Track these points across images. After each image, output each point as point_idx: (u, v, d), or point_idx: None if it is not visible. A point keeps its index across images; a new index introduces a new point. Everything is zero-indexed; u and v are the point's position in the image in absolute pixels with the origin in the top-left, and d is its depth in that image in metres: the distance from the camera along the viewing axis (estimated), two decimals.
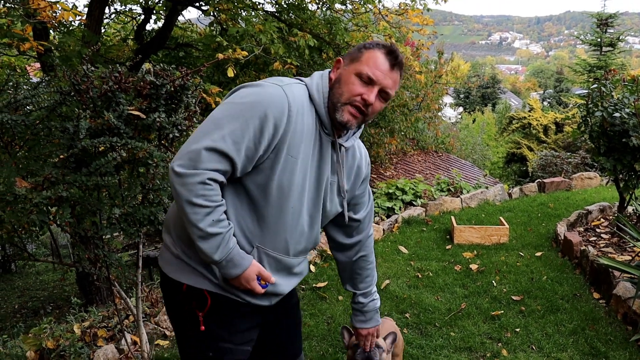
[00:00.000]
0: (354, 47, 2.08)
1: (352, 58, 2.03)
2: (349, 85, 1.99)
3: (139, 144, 3.02)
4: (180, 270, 2.05)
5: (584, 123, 6.16)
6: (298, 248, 2.14)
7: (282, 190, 1.96)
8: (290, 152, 1.93)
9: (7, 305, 12.10)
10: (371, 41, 2.06)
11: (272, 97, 1.90)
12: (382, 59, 1.99)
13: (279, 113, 1.88)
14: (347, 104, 1.99)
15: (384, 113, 14.21)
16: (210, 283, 2.03)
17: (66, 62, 7.40)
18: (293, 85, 2.00)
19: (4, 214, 3.04)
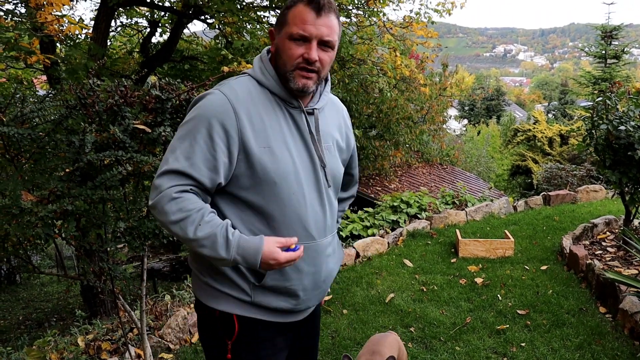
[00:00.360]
0: (280, 12, 2.01)
1: (280, 23, 1.97)
2: (287, 52, 1.93)
3: (144, 158, 3.03)
4: (211, 297, 2.03)
5: (589, 136, 6.15)
6: (320, 227, 2.08)
7: (273, 183, 1.92)
8: (260, 144, 1.90)
9: (11, 317, 12.10)
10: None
11: (211, 104, 1.89)
12: (306, 10, 1.90)
13: (222, 115, 1.87)
14: (294, 70, 1.94)
15: (389, 125, 14.23)
16: (241, 304, 2.01)
17: (72, 75, 7.45)
18: (231, 82, 1.99)
19: (10, 227, 3.05)
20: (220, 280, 2.00)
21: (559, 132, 21.90)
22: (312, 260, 2.07)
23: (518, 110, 59.53)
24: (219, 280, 2.00)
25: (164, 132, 3.11)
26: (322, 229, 2.10)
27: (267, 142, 1.91)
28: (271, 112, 1.97)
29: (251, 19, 9.40)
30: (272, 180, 1.92)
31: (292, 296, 2.06)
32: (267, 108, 1.96)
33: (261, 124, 1.92)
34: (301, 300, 2.09)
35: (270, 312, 2.05)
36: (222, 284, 2.00)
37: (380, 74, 10.49)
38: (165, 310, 5.07)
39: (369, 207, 8.88)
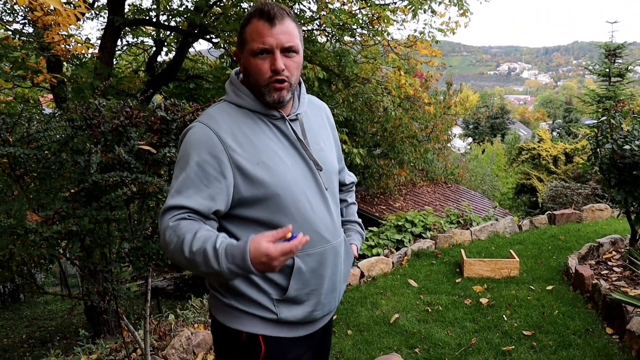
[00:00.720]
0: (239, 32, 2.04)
1: (241, 43, 1.99)
2: (254, 69, 1.94)
3: (149, 179, 3.04)
4: (236, 318, 2.02)
5: (593, 155, 6.13)
6: (331, 229, 2.10)
7: (276, 195, 1.93)
8: (253, 162, 1.91)
9: (14, 335, 12.07)
10: (246, 15, 1.99)
11: (194, 137, 1.92)
12: (260, 24, 1.91)
13: (207, 144, 1.89)
14: (266, 85, 1.95)
15: (393, 144, 14.25)
16: (267, 323, 2.01)
17: (78, 94, 7.50)
18: (209, 110, 2.02)
19: (15, 247, 3.05)
20: (243, 301, 2.00)
21: (563, 151, 21.89)
22: (330, 263, 2.09)
23: (522, 128, 59.60)
24: (243, 301, 2.00)
25: (169, 152, 3.12)
26: (333, 230, 2.11)
27: (259, 158, 1.92)
28: (256, 129, 1.98)
29: None
30: (274, 192, 1.93)
31: (314, 302, 2.07)
32: (250, 126, 1.98)
33: (248, 142, 1.93)
34: (321, 304, 2.10)
35: (295, 326, 2.06)
36: (246, 305, 2.00)
37: (384, 92, 10.51)
38: (169, 330, 5.05)
39: (374, 227, 8.87)
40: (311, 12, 9.35)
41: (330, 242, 2.08)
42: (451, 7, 9.81)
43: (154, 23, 10.56)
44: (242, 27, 1.97)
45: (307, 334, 2.13)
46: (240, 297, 2.00)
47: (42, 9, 5.51)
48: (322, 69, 9.00)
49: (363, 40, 9.90)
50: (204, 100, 10.90)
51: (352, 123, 13.53)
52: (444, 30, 10.31)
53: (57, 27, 5.84)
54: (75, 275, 15.79)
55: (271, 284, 1.99)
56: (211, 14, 9.61)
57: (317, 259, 2.04)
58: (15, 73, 7.07)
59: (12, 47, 6.64)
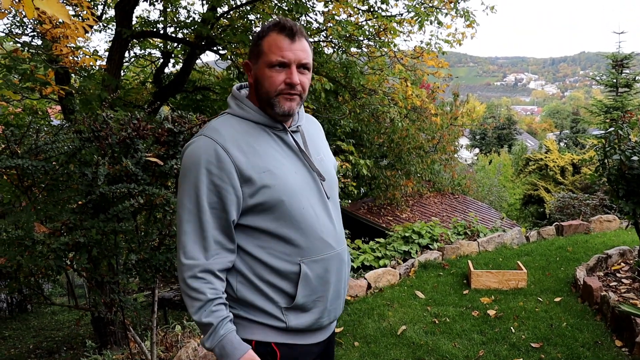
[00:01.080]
0: (252, 43, 2.08)
1: (255, 54, 2.03)
2: (269, 80, 1.99)
3: (156, 191, 3.05)
4: (245, 328, 2.03)
5: (601, 166, 6.11)
6: (334, 236, 2.13)
7: (281, 201, 1.96)
8: (259, 170, 1.94)
9: (22, 345, 12.08)
10: (262, 27, 2.05)
11: (199, 150, 1.94)
12: (280, 38, 1.98)
13: (213, 156, 1.91)
14: (277, 95, 2.00)
15: (400, 155, 14.25)
16: (277, 332, 2.03)
17: (86, 106, 7.53)
18: (212, 123, 2.04)
19: (22, 259, 3.06)
20: (252, 311, 2.02)
21: (571, 161, 21.80)
22: (336, 269, 2.12)
23: (529, 139, 59.49)
24: (251, 311, 2.02)
25: (176, 164, 3.13)
26: (336, 237, 2.14)
27: (264, 166, 1.96)
28: (260, 139, 2.02)
29: None
30: (279, 199, 1.96)
31: (320, 309, 2.09)
32: (254, 136, 2.02)
33: (253, 152, 1.96)
34: (327, 311, 2.13)
35: (303, 334, 2.09)
36: (255, 314, 2.02)
37: (391, 103, 10.52)
38: (176, 342, 5.05)
39: (381, 238, 8.85)
40: (318, 24, 9.38)
41: (335, 249, 2.11)
42: (457, 19, 9.82)
43: (162, 35, 10.61)
44: (259, 38, 2.02)
45: (314, 342, 2.14)
46: (249, 307, 2.01)
47: (51, 21, 5.55)
48: (329, 80, 9.02)
49: (369, 51, 9.92)
50: (211, 111, 10.93)
51: (358, 134, 13.54)
52: (450, 42, 10.32)
53: (65, 40, 5.88)
54: (83, 286, 15.80)
55: (279, 292, 2.01)
56: (218, 26, 9.65)
57: (323, 265, 2.07)
58: (24, 85, 7.12)
59: (21, 59, 6.68)
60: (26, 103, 9.95)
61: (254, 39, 2.05)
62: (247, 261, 1.99)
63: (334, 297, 2.14)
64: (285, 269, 2.00)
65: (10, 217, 3.21)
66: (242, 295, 2.00)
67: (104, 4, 10.67)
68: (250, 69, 2.07)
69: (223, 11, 9.56)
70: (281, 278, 2.00)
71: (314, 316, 2.08)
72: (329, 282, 2.10)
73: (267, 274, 2.00)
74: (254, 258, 1.99)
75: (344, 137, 12.48)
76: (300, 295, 2.01)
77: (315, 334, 2.14)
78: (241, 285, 2.00)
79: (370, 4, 9.34)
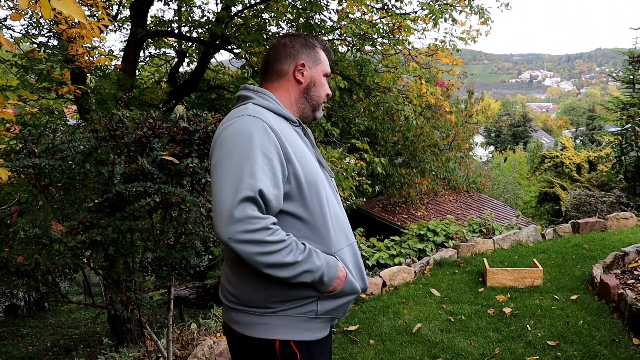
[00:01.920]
0: (302, 43, 2.23)
1: (314, 60, 2.23)
2: (324, 87, 2.25)
3: (172, 189, 3.07)
4: (269, 327, 2.04)
5: (618, 163, 6.08)
6: (350, 229, 2.25)
7: (314, 184, 2.03)
8: (298, 155, 2.01)
9: (39, 343, 12.20)
10: (309, 37, 2.25)
11: (249, 127, 1.96)
12: (324, 55, 2.28)
13: (265, 134, 1.95)
14: (321, 104, 2.24)
15: (415, 153, 14.23)
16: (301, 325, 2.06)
17: (102, 105, 7.59)
18: (248, 108, 2.06)
19: (40, 257, 3.09)
20: (283, 305, 2.04)
21: (587, 159, 21.64)
22: (356, 259, 2.21)
23: (545, 136, 59.11)
24: (282, 306, 2.04)
25: (191, 163, 3.15)
26: (351, 230, 2.26)
27: (301, 153, 2.04)
28: (289, 129, 2.11)
29: None
30: (314, 181, 2.04)
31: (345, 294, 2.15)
32: (284, 125, 2.09)
33: (291, 138, 2.05)
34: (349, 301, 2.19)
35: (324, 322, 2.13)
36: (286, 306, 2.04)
37: (405, 101, 10.50)
38: (192, 339, 5.07)
39: (395, 236, 8.84)
40: (332, 22, 9.38)
41: (350, 240, 2.21)
42: (472, 16, 9.78)
43: (176, 34, 10.67)
44: (314, 46, 2.24)
45: (327, 334, 2.18)
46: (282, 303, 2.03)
47: (67, 22, 5.59)
48: (343, 78, 9.02)
49: (384, 49, 9.90)
50: (225, 110, 10.96)
51: (373, 132, 13.54)
52: (464, 39, 10.27)
53: (81, 40, 5.92)
54: (99, 284, 15.94)
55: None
56: (232, 25, 9.68)
57: (348, 254, 2.16)
58: (40, 85, 7.19)
59: (37, 59, 6.75)
60: (42, 103, 10.05)
61: (308, 44, 2.23)
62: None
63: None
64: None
65: (27, 215, 3.24)
66: (272, 291, 2.01)
67: (119, 4, 10.73)
68: (304, 70, 2.20)
69: (237, 10, 9.59)
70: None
71: (340, 301, 2.12)
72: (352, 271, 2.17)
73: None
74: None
75: (358, 135, 12.47)
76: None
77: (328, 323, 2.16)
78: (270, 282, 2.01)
79: (384, 1, 9.32)
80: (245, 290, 2.06)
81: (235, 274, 2.09)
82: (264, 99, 2.13)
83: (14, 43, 5.89)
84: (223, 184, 1.87)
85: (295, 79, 2.18)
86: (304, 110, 2.21)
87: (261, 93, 2.15)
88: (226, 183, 1.87)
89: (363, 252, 7.90)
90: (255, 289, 2.03)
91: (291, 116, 2.15)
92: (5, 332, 13.23)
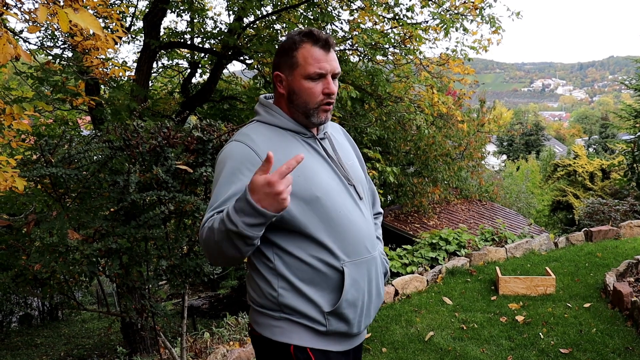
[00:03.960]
0: (277, 54, 2.10)
1: (289, 65, 2.06)
2: (307, 91, 2.04)
3: (186, 198, 3.11)
4: (283, 331, 2.06)
5: (630, 171, 6.06)
6: (370, 240, 2.17)
7: (316, 198, 1.99)
8: (294, 175, 1.93)
9: (53, 353, 12.25)
10: (290, 37, 2.07)
11: (231, 154, 1.99)
12: (315, 49, 2.03)
13: (245, 160, 1.96)
14: (317, 107, 2.06)
15: (427, 162, 14.22)
16: (316, 336, 2.06)
17: (116, 116, 7.67)
18: (242, 130, 2.09)
19: (56, 265, 3.14)
20: (295, 315, 2.04)
21: (600, 167, 21.51)
22: (373, 274, 2.16)
23: (558, 145, 58.80)
24: (294, 315, 2.04)
25: (205, 172, 3.19)
26: (373, 241, 2.18)
27: (298, 170, 1.97)
28: (291, 144, 2.07)
29: None
30: (314, 195, 1.99)
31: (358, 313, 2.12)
32: (285, 142, 2.06)
33: (285, 156, 1.98)
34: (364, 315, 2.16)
35: (340, 338, 2.12)
36: (297, 317, 2.04)
37: (417, 111, 10.52)
38: (205, 348, 5.10)
39: (408, 245, 8.85)
40: (343, 32, 9.44)
41: (371, 253, 2.15)
42: (483, 25, 9.84)
43: (189, 45, 10.76)
44: (290, 50, 2.05)
45: (348, 349, 2.17)
46: (291, 310, 2.04)
47: (82, 33, 5.67)
48: (355, 88, 9.06)
49: (395, 59, 9.94)
50: (238, 120, 11.04)
51: (385, 142, 13.55)
52: (476, 48, 10.29)
53: (95, 52, 6.00)
54: (112, 294, 16.01)
55: (323, 296, 2.04)
56: (245, 36, 9.76)
57: (361, 268, 2.10)
58: (55, 96, 7.28)
59: (52, 71, 6.85)
60: (57, 114, 10.15)
61: (284, 50, 2.07)
62: (290, 264, 2.01)
63: (369, 302, 2.17)
64: (327, 272, 2.02)
65: (44, 224, 3.29)
66: (284, 300, 2.02)
67: (133, 16, 10.85)
68: (281, 80, 2.10)
69: (249, 21, 9.67)
70: (325, 281, 2.03)
71: (353, 320, 2.10)
72: (364, 286, 2.12)
73: (311, 276, 2.02)
74: (298, 259, 2.00)
75: (370, 145, 12.49)
76: (344, 299, 2.04)
77: (349, 340, 2.17)
78: (283, 290, 2.03)
79: (395, 12, 9.37)
80: (260, 294, 2.10)
81: (252, 277, 2.13)
82: (270, 114, 2.11)
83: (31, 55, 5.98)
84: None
85: (279, 91, 2.12)
86: (299, 118, 2.10)
87: (268, 108, 2.13)
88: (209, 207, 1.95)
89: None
90: (268, 295, 2.06)
91: (300, 128, 2.10)
92: (19, 342, 13.30)
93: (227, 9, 10.14)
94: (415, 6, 9.18)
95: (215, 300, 14.94)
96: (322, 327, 2.05)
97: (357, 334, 2.18)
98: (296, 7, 9.17)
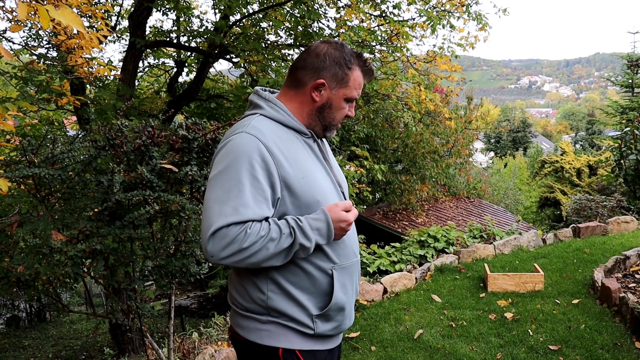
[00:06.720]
0: (336, 59, 2.09)
1: (339, 80, 2.09)
2: (341, 111, 2.13)
3: (171, 197, 3.07)
4: (271, 334, 2.05)
5: (617, 167, 6.08)
6: (357, 244, 2.24)
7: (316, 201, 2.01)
8: (298, 175, 1.98)
9: (41, 354, 12.18)
10: (345, 51, 2.10)
11: (242, 146, 1.94)
12: (361, 76, 2.13)
13: (257, 154, 1.92)
14: (336, 124, 2.15)
15: (415, 160, 14.23)
16: (303, 338, 2.07)
17: (101, 115, 7.61)
18: (251, 122, 2.04)
19: (40, 266, 3.09)
20: (281, 318, 2.04)
21: (587, 163, 21.63)
22: (352, 276, 2.19)
23: (545, 141, 59.14)
24: (281, 318, 2.04)
25: (190, 171, 3.15)
26: (358, 245, 2.25)
27: (303, 172, 2.00)
28: (295, 143, 2.06)
29: (276, 57, 9.55)
30: (315, 199, 2.01)
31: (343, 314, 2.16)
32: (290, 140, 2.05)
33: (292, 156, 2.00)
34: (348, 316, 2.20)
35: (327, 339, 2.15)
36: (284, 320, 2.04)
37: (405, 108, 10.53)
38: (193, 348, 5.06)
39: (396, 242, 8.84)
40: (330, 30, 9.41)
41: (357, 256, 2.21)
42: (470, 22, 9.83)
43: (175, 44, 10.71)
44: (346, 67, 2.09)
45: (334, 346, 2.20)
46: (279, 314, 2.03)
47: (66, 32, 5.61)
48: None
49: (382, 56, 9.93)
50: (224, 119, 10.99)
51: (373, 139, 13.56)
52: (463, 45, 10.30)
53: (80, 51, 5.94)
54: (100, 295, 15.93)
55: (311, 300, 2.05)
56: (231, 34, 9.71)
57: (349, 271, 2.14)
58: (40, 96, 7.20)
59: (37, 71, 6.77)
60: (42, 114, 10.07)
61: (338, 63, 2.09)
62: (282, 266, 2.00)
63: (352, 302, 2.22)
64: (318, 275, 2.04)
65: (27, 225, 3.25)
66: (272, 304, 2.02)
67: (118, 15, 10.78)
68: (324, 88, 2.09)
69: (235, 19, 9.62)
70: (314, 284, 2.05)
71: (338, 321, 2.13)
72: (352, 288, 2.18)
73: (301, 279, 2.03)
74: (290, 261, 1.99)
75: (358, 143, 12.49)
76: (332, 302, 2.06)
77: (334, 339, 2.20)
78: (273, 293, 2.02)
79: (382, 9, 9.36)
80: (247, 298, 2.08)
81: (238, 280, 2.11)
82: (274, 109, 2.08)
83: (14, 55, 5.92)
84: (212, 203, 1.90)
85: (311, 95, 2.09)
86: (314, 127, 2.12)
87: (272, 103, 2.10)
88: (215, 202, 1.90)
89: (364, 259, 7.90)
90: (256, 298, 2.05)
91: (302, 128, 2.10)
92: (7, 343, 13.20)
93: (213, 7, 10.09)
94: (401, 3, 9.16)
95: (204, 300, 14.89)
96: (309, 330, 2.06)
97: (339, 333, 2.21)
98: (282, 5, 9.13)
